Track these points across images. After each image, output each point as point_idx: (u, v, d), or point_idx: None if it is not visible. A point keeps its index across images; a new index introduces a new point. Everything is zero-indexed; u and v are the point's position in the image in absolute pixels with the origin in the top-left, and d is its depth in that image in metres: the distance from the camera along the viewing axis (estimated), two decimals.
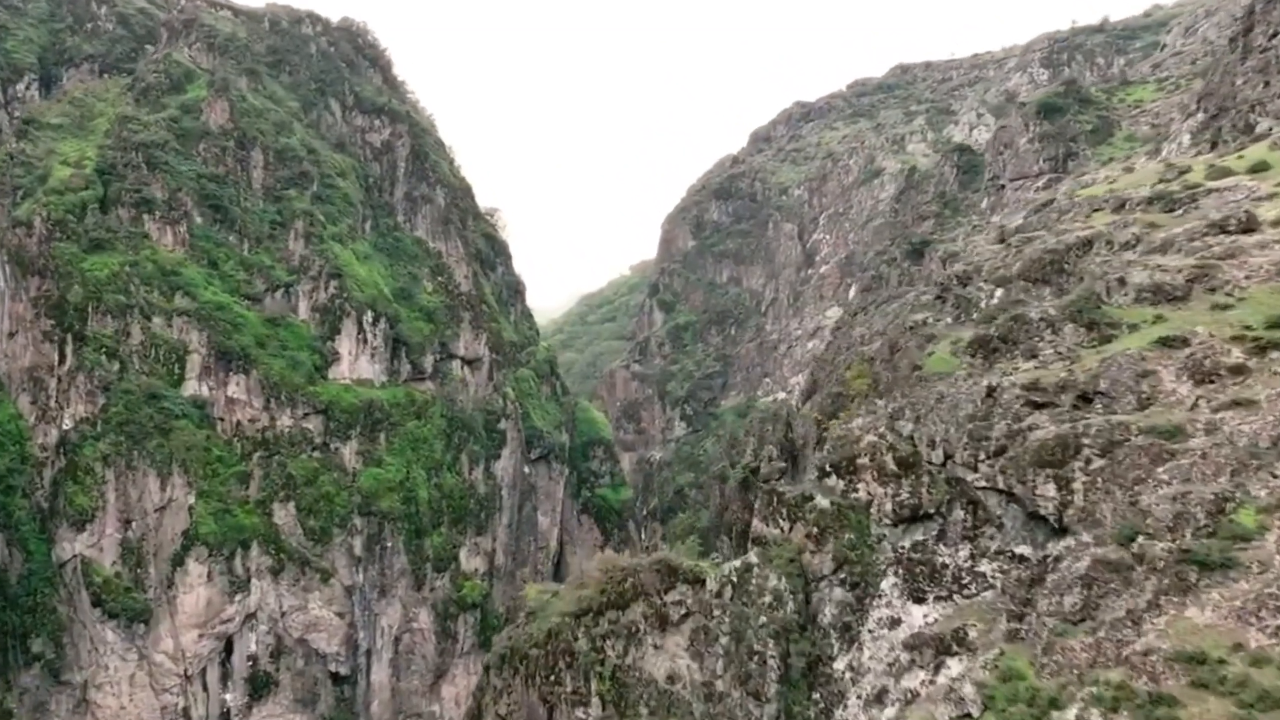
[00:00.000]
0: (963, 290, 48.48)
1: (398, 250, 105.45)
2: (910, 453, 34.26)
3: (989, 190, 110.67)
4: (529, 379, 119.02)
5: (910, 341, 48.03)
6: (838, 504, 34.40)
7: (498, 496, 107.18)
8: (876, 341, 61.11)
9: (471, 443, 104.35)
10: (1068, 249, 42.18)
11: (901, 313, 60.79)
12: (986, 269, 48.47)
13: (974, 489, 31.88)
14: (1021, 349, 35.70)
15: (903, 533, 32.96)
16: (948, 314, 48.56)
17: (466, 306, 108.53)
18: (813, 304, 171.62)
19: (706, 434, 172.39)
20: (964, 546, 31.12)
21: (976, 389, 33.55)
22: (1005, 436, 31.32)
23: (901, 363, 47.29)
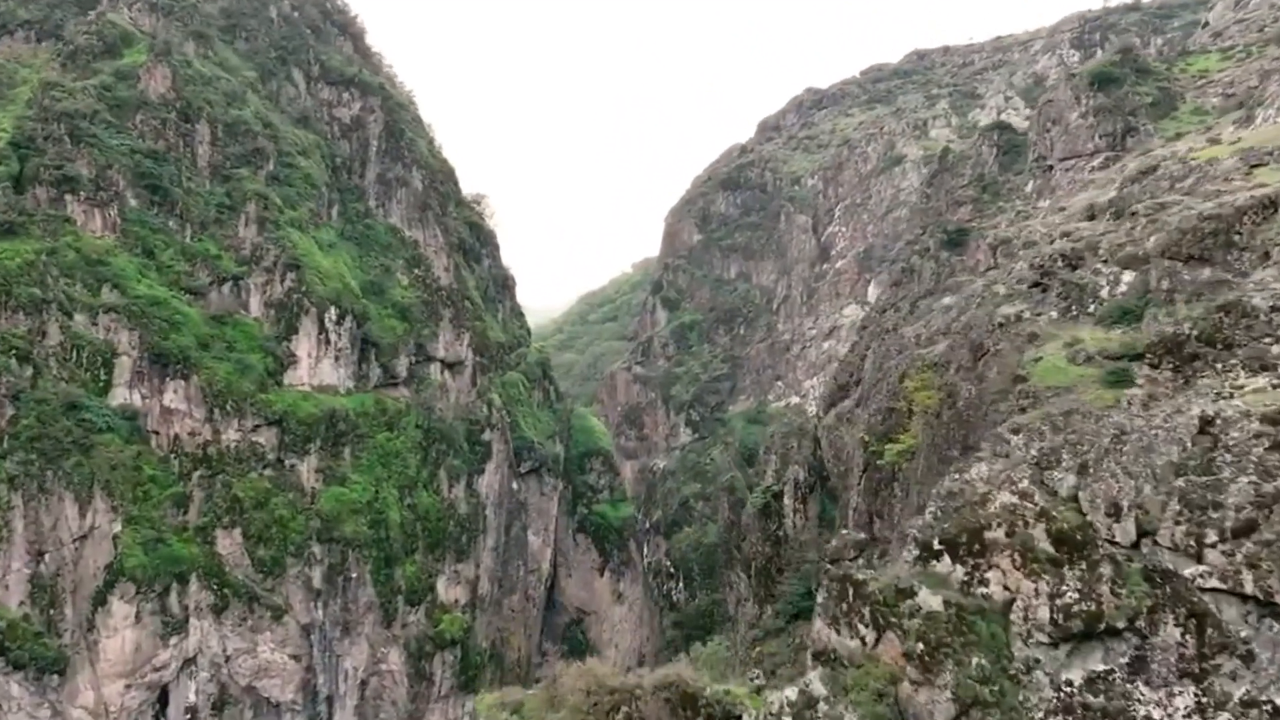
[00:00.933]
0: (1071, 274, 36.35)
1: (368, 239, 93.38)
2: (1076, 525, 21.67)
3: (1034, 172, 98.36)
4: (518, 384, 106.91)
5: (1000, 343, 35.95)
6: (956, 606, 21.68)
7: (481, 517, 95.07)
8: (940, 343, 48.91)
9: (451, 456, 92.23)
10: (1238, 214, 30.13)
11: (968, 306, 48.64)
12: (1106, 246, 36.29)
13: (1197, 590, 19.79)
14: (1241, 357, 23.50)
15: (1069, 658, 20.76)
16: (1051, 305, 36.42)
17: (447, 303, 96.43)
18: (828, 301, 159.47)
19: (714, 441, 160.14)
20: (1182, 688, 19.06)
21: (1180, 422, 21.44)
22: (1251, 504, 19.34)
23: (991, 371, 35.24)
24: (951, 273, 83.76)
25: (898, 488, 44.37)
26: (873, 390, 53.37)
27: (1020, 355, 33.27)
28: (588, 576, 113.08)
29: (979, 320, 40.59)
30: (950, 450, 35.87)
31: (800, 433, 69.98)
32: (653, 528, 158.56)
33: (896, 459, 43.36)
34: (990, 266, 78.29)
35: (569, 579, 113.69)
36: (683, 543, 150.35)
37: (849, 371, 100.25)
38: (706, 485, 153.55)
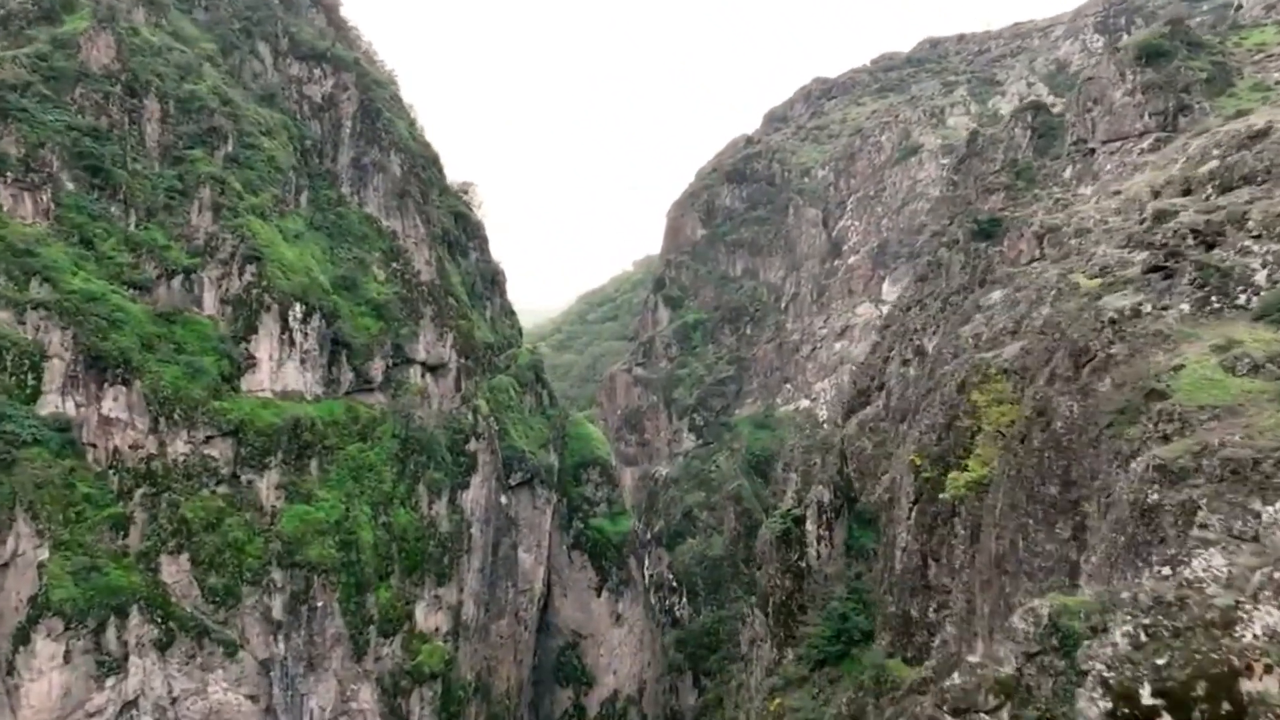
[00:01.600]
0: (1207, 255, 27.61)
1: (340, 229, 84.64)
2: None
3: (1073, 156, 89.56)
4: (508, 388, 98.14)
5: (1112, 345, 27.21)
6: None
7: (466, 535, 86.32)
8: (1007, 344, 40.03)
9: (432, 469, 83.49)
10: None
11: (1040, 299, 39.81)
12: (1259, 217, 27.48)
13: None
14: None
15: None
16: (1182, 296, 27.69)
17: (428, 299, 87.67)
18: (840, 299, 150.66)
19: (719, 447, 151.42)
20: None
21: None
22: None
23: (1102, 383, 26.47)
24: (989, 265, 74.89)
25: (961, 525, 35.70)
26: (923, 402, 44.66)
27: (1149, 362, 24.53)
28: (584, 597, 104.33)
29: (1073, 316, 31.76)
30: (1046, 486, 27.24)
31: (824, 447, 61.22)
32: (654, 539, 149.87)
33: (962, 491, 34.64)
34: (1035, 257, 69.51)
35: (564, 599, 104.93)
36: (686, 555, 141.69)
37: (870, 375, 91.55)
38: (711, 494, 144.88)
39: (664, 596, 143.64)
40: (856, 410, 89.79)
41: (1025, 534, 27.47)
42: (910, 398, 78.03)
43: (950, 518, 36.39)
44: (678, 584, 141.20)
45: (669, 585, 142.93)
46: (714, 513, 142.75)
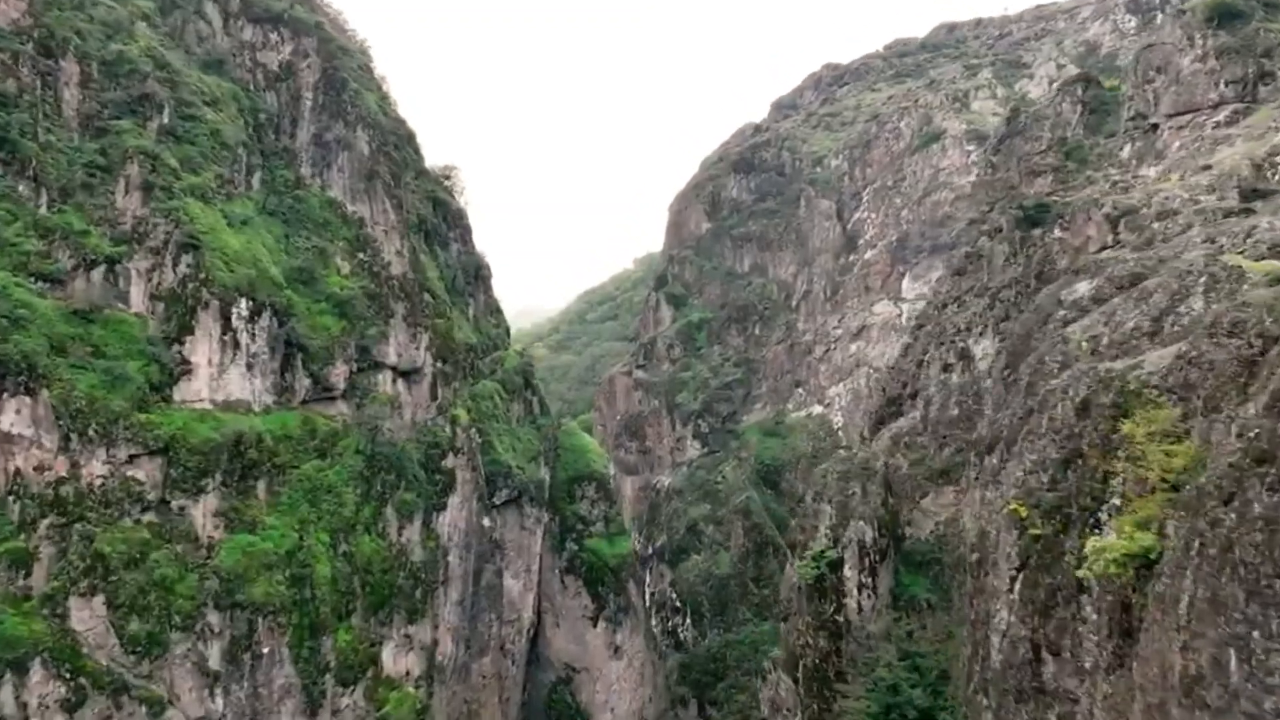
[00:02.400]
0: None
1: (298, 214, 74.07)
2: None
3: (1132, 133, 79.02)
4: (492, 395, 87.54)
5: None
6: None
7: (442, 563, 75.79)
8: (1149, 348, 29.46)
9: (403, 489, 72.94)
10: None
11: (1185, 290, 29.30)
12: None
13: None
14: None
15: None
16: None
17: (399, 295, 77.13)
18: (856, 297, 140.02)
19: (725, 456, 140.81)
20: None
21: None
22: None
23: None
24: (1047, 255, 64.24)
25: (1096, 609, 25.17)
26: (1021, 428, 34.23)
27: None
28: (578, 626, 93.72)
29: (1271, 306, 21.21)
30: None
31: (864, 472, 50.63)
32: (656, 554, 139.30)
33: (1114, 571, 24.05)
34: (1108, 244, 58.91)
35: (556, 630, 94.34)
36: (690, 572, 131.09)
37: (901, 381, 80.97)
38: (718, 507, 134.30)
39: (666, 617, 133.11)
40: (887, 421, 79.33)
41: (1246, 653, 17.40)
42: (953, 408, 67.52)
43: (1075, 596, 25.98)
44: (681, 604, 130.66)
45: (672, 605, 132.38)
46: (720, 527, 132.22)
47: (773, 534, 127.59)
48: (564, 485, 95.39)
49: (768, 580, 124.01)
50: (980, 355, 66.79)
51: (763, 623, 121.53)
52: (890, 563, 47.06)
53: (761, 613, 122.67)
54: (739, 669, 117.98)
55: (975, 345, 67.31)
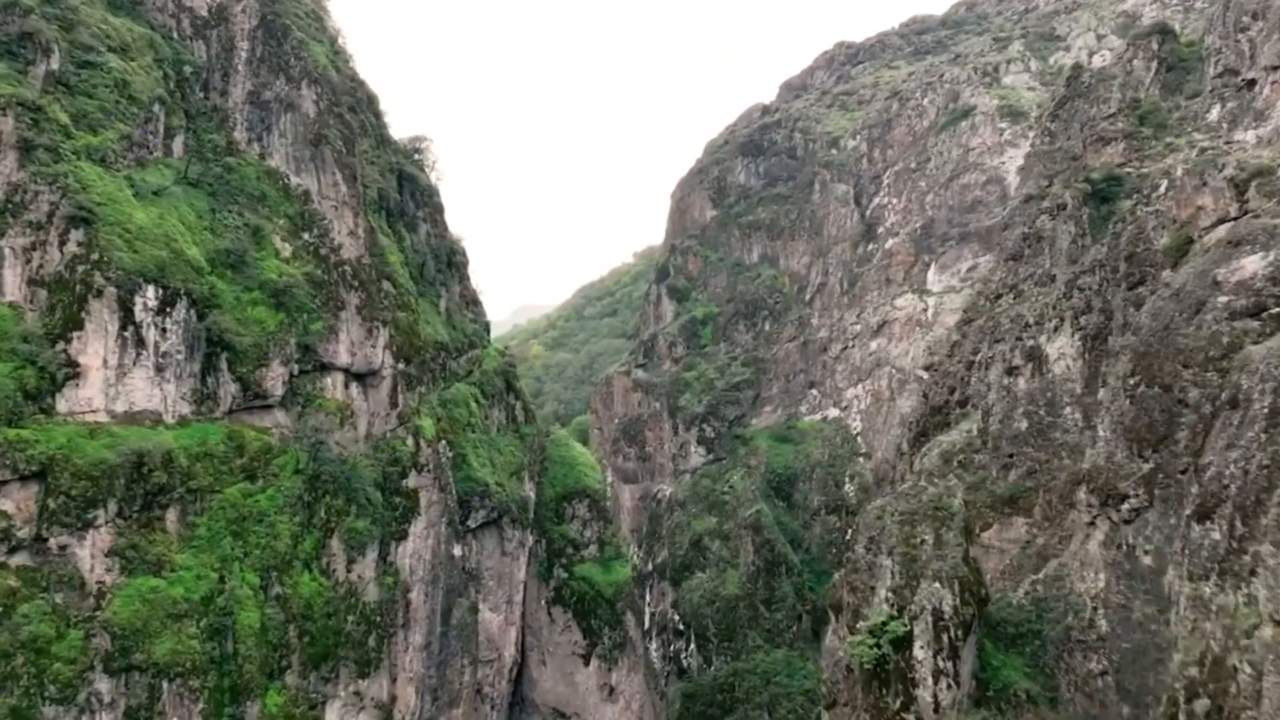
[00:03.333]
0: None
1: (229, 186, 61.77)
2: None
3: (1221, 91, 66.80)
4: (467, 401, 75.32)
5: None
6: None
7: (402, 602, 63.65)
8: None
9: (354, 516, 60.79)
10: None
11: None
12: None
13: None
14: None
15: None
16: None
17: (353, 283, 64.91)
18: (876, 290, 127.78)
19: (732, 464, 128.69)
20: None
21: None
22: None
23: None
24: (1139, 233, 51.88)
25: None
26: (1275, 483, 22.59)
27: None
28: (568, 665, 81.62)
29: None
30: None
31: (937, 514, 38.26)
32: (656, 571, 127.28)
33: None
34: (1231, 214, 46.66)
35: (542, 669, 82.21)
36: (695, 592, 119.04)
37: (948, 386, 68.76)
38: (724, 520, 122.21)
39: (668, 640, 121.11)
40: (931, 434, 67.22)
41: None
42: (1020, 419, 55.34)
43: None
44: (685, 627, 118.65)
45: (674, 628, 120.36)
46: (728, 543, 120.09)
47: (785, 551, 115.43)
48: (552, 504, 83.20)
49: (780, 603, 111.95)
50: (1055, 356, 54.55)
51: (775, 650, 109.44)
52: (974, 637, 35.14)
53: (774, 639, 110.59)
54: (749, 703, 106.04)
55: (1048, 344, 55.07)
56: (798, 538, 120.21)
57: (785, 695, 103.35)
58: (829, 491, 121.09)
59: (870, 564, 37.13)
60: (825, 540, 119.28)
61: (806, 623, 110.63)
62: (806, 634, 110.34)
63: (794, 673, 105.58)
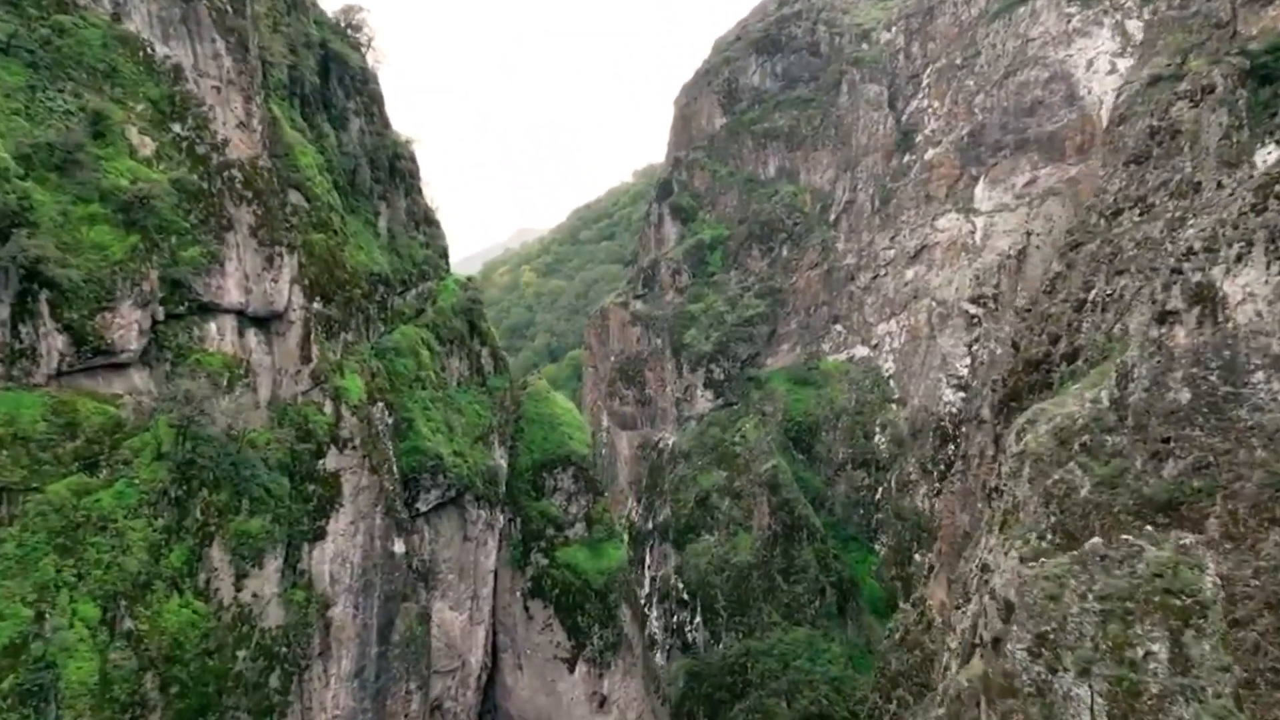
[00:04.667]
0: None
1: (61, 56, 43.88)
2: None
3: None
4: (415, 349, 58.57)
5: None
6: None
7: (319, 625, 47.89)
8: None
9: (245, 514, 44.56)
10: None
11: None
12: None
13: None
14: None
15: None
16: None
17: (244, 195, 47.48)
18: (914, 209, 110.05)
19: (744, 410, 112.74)
20: None
21: None
22: None
23: None
24: None
25: None
26: None
27: None
28: (549, 670, 66.58)
29: None
30: None
31: (1172, 603, 21.60)
32: (658, 530, 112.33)
33: None
34: None
35: (518, 674, 67.22)
36: (701, 557, 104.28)
37: (1049, 333, 51.95)
38: (736, 475, 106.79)
39: (670, 610, 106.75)
40: (1025, 397, 50.56)
41: None
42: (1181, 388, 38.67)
43: None
44: (690, 596, 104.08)
45: (678, 597, 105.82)
46: (739, 502, 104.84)
47: (806, 513, 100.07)
48: (528, 474, 67.10)
49: (800, 574, 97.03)
50: (1238, 296, 37.49)
51: (794, 628, 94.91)
52: None
53: (793, 615, 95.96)
54: (764, 688, 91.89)
55: (1226, 279, 37.91)
56: (820, 496, 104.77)
57: (807, 682, 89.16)
58: (856, 443, 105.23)
59: (1042, 684, 20.96)
60: (851, 500, 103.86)
61: (831, 597, 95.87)
62: (830, 610, 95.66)
63: (817, 655, 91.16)
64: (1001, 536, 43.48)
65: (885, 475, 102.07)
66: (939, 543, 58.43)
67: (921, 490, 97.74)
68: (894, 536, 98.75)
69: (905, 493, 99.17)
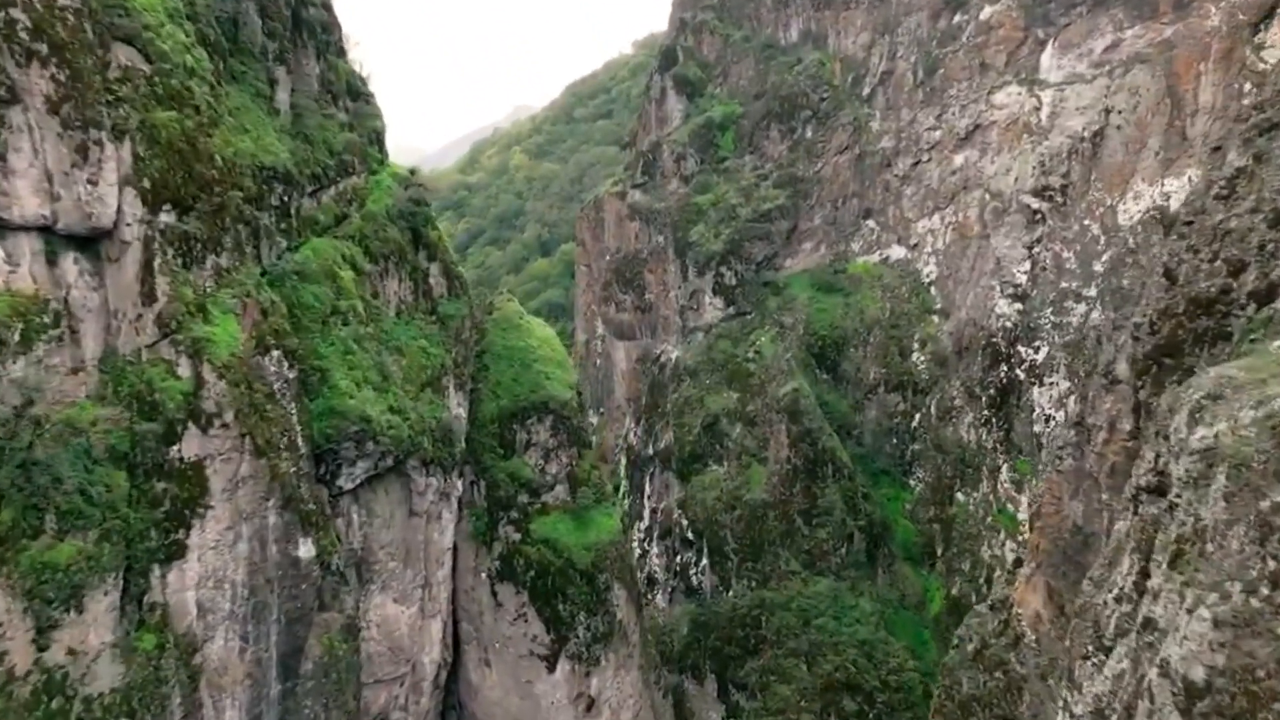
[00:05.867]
0: None
1: None
2: None
3: None
4: (333, 274, 42.89)
5: None
6: None
7: (178, 675, 33.92)
8: None
9: (45, 536, 29.93)
10: None
11: None
12: None
13: None
14: None
15: None
16: None
17: (32, 49, 30.98)
18: (965, 81, 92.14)
19: (760, 320, 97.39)
20: None
21: None
22: None
23: None
24: None
25: None
26: None
27: None
28: (523, 669, 53.41)
29: None
30: None
31: None
32: (659, 458, 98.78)
33: None
34: None
35: (485, 671, 54.09)
36: (709, 491, 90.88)
37: (1227, 259, 35.78)
38: (749, 397, 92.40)
39: (673, 548, 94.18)
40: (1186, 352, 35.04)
41: None
42: None
43: None
44: (695, 536, 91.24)
45: (681, 535, 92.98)
46: (753, 429, 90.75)
47: (832, 445, 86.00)
48: (493, 425, 52.39)
49: (824, 515, 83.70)
50: None
51: (816, 579, 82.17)
52: None
53: (814, 564, 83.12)
54: (781, 647, 79.80)
55: None
56: (847, 423, 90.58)
57: (831, 644, 76.92)
58: (891, 361, 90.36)
59: None
60: (884, 428, 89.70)
61: (859, 544, 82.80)
62: (858, 558, 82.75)
63: (843, 613, 78.76)
64: (1178, 577, 29.06)
65: (924, 400, 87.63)
66: (1035, 535, 44.11)
67: (967, 419, 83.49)
68: (932, 471, 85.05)
69: (947, 421, 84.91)
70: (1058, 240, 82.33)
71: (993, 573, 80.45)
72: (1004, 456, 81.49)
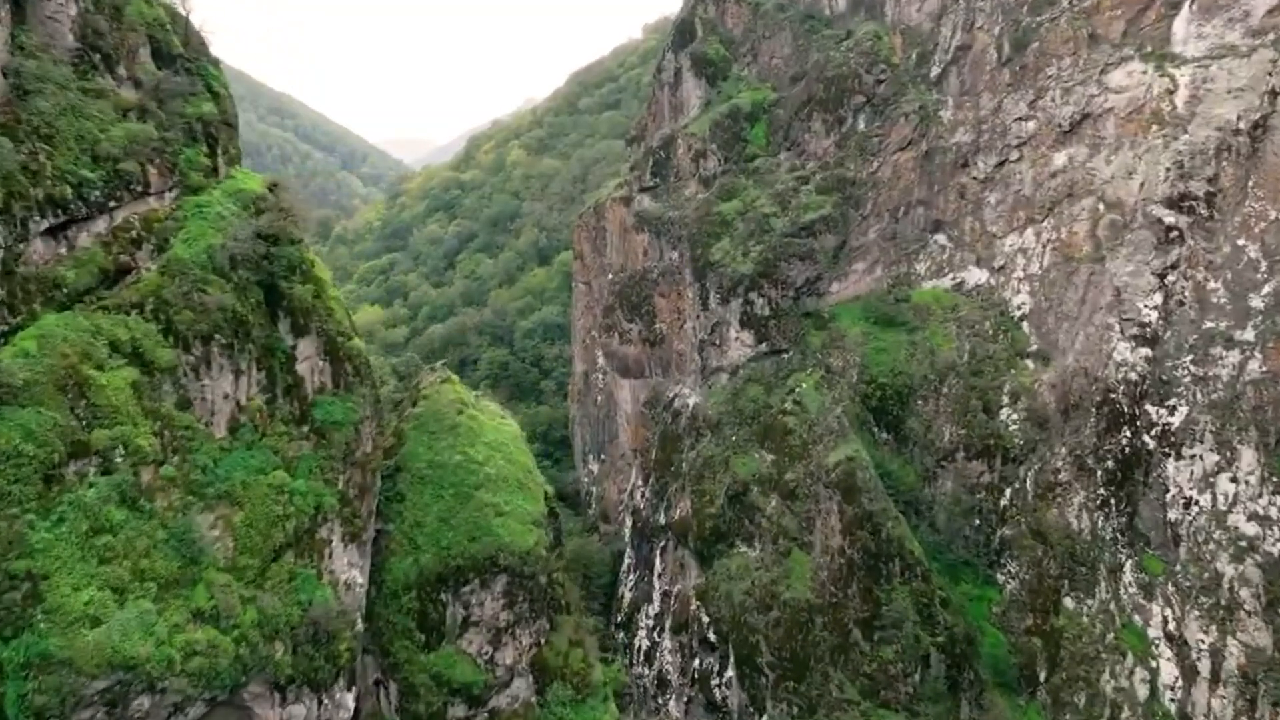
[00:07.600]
0: None
1: None
2: None
3: None
4: (71, 381, 23.15)
5: None
6: None
7: None
8: None
9: None
10: None
11: None
12: None
13: None
14: None
15: None
16: None
17: None
18: (1069, 57, 71.81)
19: (801, 360, 76.83)
20: None
21: None
22: None
23: None
24: None
25: None
26: None
27: None
28: None
29: None
30: None
31: None
32: (672, 530, 78.81)
33: None
34: None
35: None
36: (736, 581, 70.73)
37: None
38: (787, 461, 72.22)
39: (689, 648, 74.31)
40: None
41: None
42: None
43: None
44: (719, 640, 71.26)
45: (701, 634, 73.04)
46: (794, 504, 70.61)
47: (899, 534, 65.49)
48: (408, 595, 32.35)
49: (890, 630, 63.27)
50: None
51: (883, 713, 62.01)
52: None
53: (878, 692, 62.93)
54: None
55: None
56: (915, 499, 70.09)
57: None
58: (972, 420, 69.83)
59: None
60: (963, 507, 69.04)
61: (937, 666, 62.33)
62: (937, 686, 62.29)
63: None
64: None
65: (1017, 471, 67.13)
66: None
67: (1077, 498, 63.27)
68: (1030, 567, 64.75)
69: (1049, 500, 64.56)
70: (1200, 266, 62.25)
71: (1119, 712, 60.49)
72: (1127, 551, 61.64)
